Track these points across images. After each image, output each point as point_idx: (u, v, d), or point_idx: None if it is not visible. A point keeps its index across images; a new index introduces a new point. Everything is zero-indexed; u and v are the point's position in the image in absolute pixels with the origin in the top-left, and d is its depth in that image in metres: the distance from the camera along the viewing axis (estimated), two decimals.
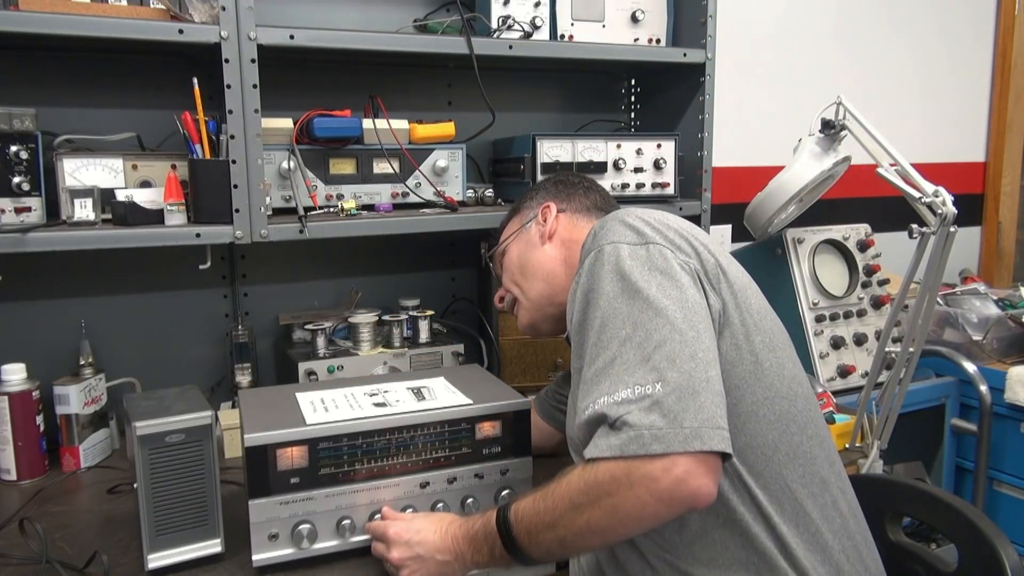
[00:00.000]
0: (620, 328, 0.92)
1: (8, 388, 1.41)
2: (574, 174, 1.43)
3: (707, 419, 0.85)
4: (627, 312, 0.92)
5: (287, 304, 1.80)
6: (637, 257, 0.96)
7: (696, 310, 0.93)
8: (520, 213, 1.36)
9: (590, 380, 0.92)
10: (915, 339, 1.49)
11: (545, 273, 1.26)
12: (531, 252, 1.29)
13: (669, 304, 0.91)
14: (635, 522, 0.87)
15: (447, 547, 1.03)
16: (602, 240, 1.01)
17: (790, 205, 1.65)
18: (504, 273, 1.35)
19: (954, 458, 2.29)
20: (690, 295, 0.94)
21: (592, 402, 0.90)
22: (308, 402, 1.19)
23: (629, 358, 0.89)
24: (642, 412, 0.85)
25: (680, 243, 0.99)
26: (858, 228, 2.15)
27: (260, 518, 1.06)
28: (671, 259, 0.96)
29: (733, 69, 2.27)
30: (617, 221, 1.03)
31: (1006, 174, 2.90)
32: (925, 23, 2.71)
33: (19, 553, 1.13)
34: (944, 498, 1.23)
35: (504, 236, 1.36)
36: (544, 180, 1.40)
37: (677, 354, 0.88)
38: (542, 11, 1.68)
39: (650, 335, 0.89)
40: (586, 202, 1.32)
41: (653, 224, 1.01)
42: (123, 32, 1.31)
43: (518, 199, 1.40)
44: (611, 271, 0.96)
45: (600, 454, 0.87)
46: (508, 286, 1.33)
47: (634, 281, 0.93)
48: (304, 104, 1.59)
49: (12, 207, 1.32)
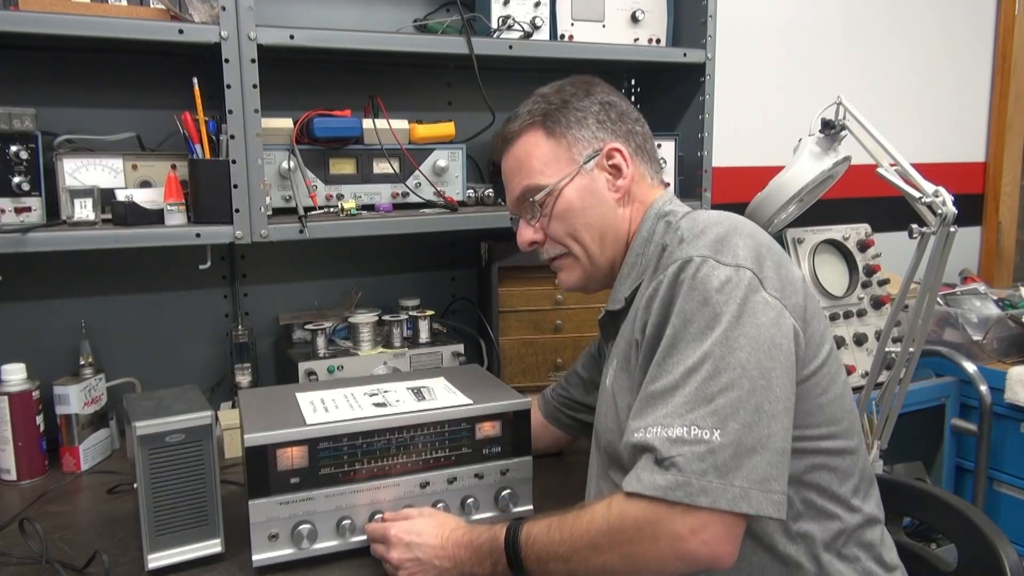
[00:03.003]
0: (690, 355, 0.88)
1: (8, 388, 1.41)
2: (617, 94, 1.18)
3: (759, 480, 0.83)
4: (701, 341, 0.88)
5: (287, 304, 1.80)
6: (727, 283, 0.90)
7: (774, 355, 0.88)
8: (566, 140, 1.12)
9: (646, 400, 0.90)
10: (915, 339, 1.49)
11: (615, 236, 1.12)
12: (598, 206, 1.11)
13: (746, 344, 0.87)
14: (652, 573, 0.86)
15: (447, 553, 1.02)
16: (693, 249, 0.94)
17: (790, 205, 1.65)
18: (553, 220, 1.13)
19: (954, 458, 2.29)
20: (772, 337, 0.89)
21: (644, 428, 0.87)
22: (308, 402, 1.19)
23: (691, 392, 0.86)
24: (694, 458, 0.82)
25: (772, 273, 0.93)
26: (858, 228, 2.15)
27: (260, 518, 1.06)
28: (762, 293, 0.91)
29: (733, 69, 2.27)
30: (712, 227, 0.96)
31: (1006, 174, 2.90)
32: (925, 23, 2.71)
33: (19, 553, 1.13)
34: (944, 498, 1.23)
35: (554, 174, 1.11)
36: (576, 86, 1.16)
37: (742, 403, 0.84)
38: (542, 11, 1.68)
39: (718, 374, 0.86)
40: (645, 145, 1.16)
41: (750, 244, 0.95)
42: (123, 32, 1.31)
43: (538, 103, 1.15)
44: (696, 291, 0.90)
45: (643, 491, 0.84)
46: (560, 237, 1.14)
47: (717, 311, 0.88)
48: (304, 104, 1.59)
49: (12, 207, 1.32)
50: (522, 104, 1.18)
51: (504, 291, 1.75)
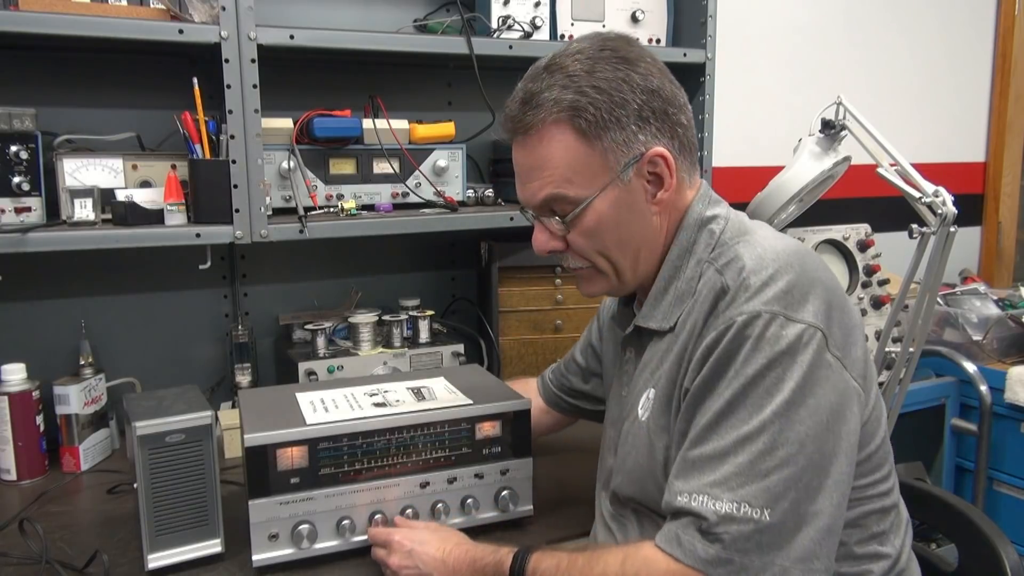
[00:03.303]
0: (746, 422, 0.83)
1: (8, 388, 1.41)
2: (659, 68, 0.98)
3: (801, 558, 0.81)
4: (760, 409, 0.83)
5: (287, 304, 1.80)
6: (795, 344, 0.84)
7: (833, 427, 0.84)
8: (602, 144, 0.94)
9: (693, 462, 0.86)
10: (915, 339, 1.49)
11: (649, 252, 1.01)
12: (634, 222, 0.98)
13: (807, 417, 0.83)
14: None
15: (448, 567, 1.01)
16: (763, 302, 0.86)
17: (790, 205, 1.65)
18: (579, 234, 0.99)
19: (954, 458, 2.29)
20: (833, 406, 0.85)
21: (690, 494, 0.84)
22: (308, 402, 1.19)
23: (744, 464, 0.82)
24: (740, 537, 0.80)
25: (838, 329, 0.88)
26: (858, 228, 2.15)
27: (260, 518, 1.06)
28: (827, 355, 0.85)
29: (733, 69, 2.27)
30: (782, 273, 0.88)
31: (1006, 174, 2.90)
32: (925, 23, 2.71)
33: (19, 553, 1.13)
34: (944, 498, 1.23)
35: (585, 186, 0.95)
36: (613, 64, 0.94)
37: (796, 480, 0.82)
38: (542, 11, 1.68)
39: (775, 449, 0.82)
40: (687, 135, 0.99)
41: (821, 294, 0.88)
42: (123, 32, 1.31)
43: (567, 89, 0.94)
44: (762, 352, 0.84)
45: (682, 557, 0.82)
46: (585, 253, 1.00)
47: (781, 375, 0.84)
48: (304, 104, 1.59)
49: (12, 207, 1.32)
50: (538, 75, 0.97)
51: (504, 291, 1.75)
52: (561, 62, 0.96)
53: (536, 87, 0.96)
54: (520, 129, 0.98)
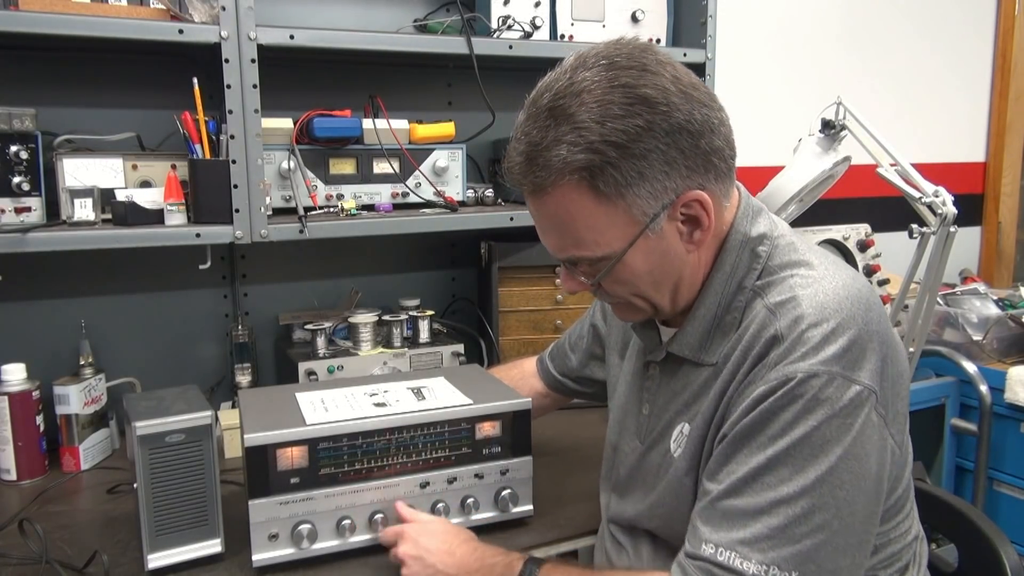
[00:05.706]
0: (785, 482, 0.81)
1: (8, 388, 1.41)
2: (683, 98, 0.84)
3: None
4: (803, 473, 0.81)
5: (287, 304, 1.80)
6: (848, 406, 0.81)
7: (868, 489, 0.83)
8: (624, 202, 0.84)
9: (724, 511, 0.84)
10: (915, 339, 1.49)
11: (689, 285, 0.94)
12: (668, 262, 0.91)
13: (848, 482, 0.81)
14: None
15: (453, 559, 1.02)
16: (821, 361, 0.82)
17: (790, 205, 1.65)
18: (614, 283, 0.93)
19: (954, 458, 2.29)
20: (871, 470, 0.83)
21: (716, 547, 0.82)
22: (308, 402, 1.19)
23: (778, 527, 0.81)
24: None
25: (889, 385, 0.85)
26: (858, 228, 2.15)
27: (260, 518, 1.06)
28: (874, 415, 0.83)
29: (733, 69, 2.27)
30: (843, 329, 0.83)
31: (1006, 174, 2.90)
32: (925, 23, 2.71)
33: (19, 553, 1.13)
34: (944, 498, 1.23)
35: (611, 242, 0.87)
36: (629, 107, 0.81)
37: (824, 545, 0.80)
38: (542, 11, 1.68)
39: (811, 514, 0.80)
40: (725, 154, 0.89)
41: (877, 349, 0.84)
42: (123, 32, 1.31)
43: (577, 142, 0.82)
44: (815, 414, 0.81)
45: None
46: (620, 296, 0.95)
47: (829, 438, 0.81)
48: (304, 104, 1.59)
49: (12, 207, 1.32)
50: (542, 121, 0.85)
51: (504, 291, 1.75)
52: (567, 106, 0.83)
53: (540, 139, 0.84)
54: (527, 188, 0.89)
